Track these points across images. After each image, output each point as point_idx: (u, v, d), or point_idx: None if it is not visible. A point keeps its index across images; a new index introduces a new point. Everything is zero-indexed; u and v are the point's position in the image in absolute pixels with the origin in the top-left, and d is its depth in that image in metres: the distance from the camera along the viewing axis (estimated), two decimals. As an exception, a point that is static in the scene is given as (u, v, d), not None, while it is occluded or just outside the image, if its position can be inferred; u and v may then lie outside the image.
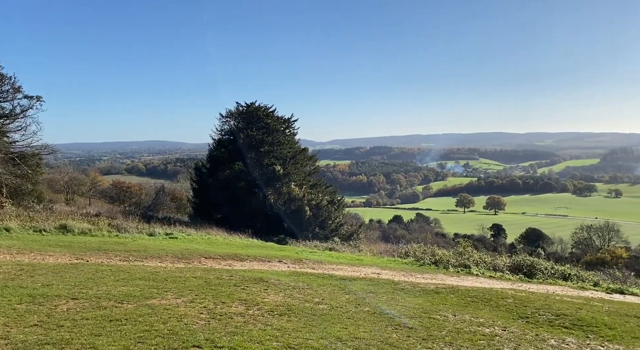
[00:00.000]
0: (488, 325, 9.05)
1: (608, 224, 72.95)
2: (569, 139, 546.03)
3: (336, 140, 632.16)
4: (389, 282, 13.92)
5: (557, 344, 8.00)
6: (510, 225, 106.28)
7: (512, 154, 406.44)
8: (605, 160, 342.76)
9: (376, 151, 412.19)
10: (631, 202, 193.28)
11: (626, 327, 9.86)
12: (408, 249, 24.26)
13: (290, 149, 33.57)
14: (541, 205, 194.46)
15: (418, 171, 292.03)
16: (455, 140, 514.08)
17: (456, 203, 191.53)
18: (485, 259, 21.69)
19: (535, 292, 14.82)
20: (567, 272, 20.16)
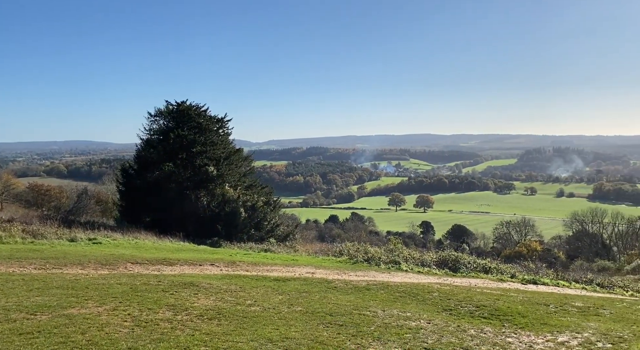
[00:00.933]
0: (414, 318, 9.45)
1: (525, 220, 78.97)
2: (490, 141, 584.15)
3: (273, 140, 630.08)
4: (323, 281, 14.10)
5: (476, 334, 8.53)
6: (438, 222, 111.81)
7: (440, 155, 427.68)
8: (522, 160, 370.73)
9: (313, 152, 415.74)
10: (544, 199, 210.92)
11: (536, 315, 10.73)
12: (342, 247, 24.67)
13: (224, 149, 32.92)
14: (466, 203, 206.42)
15: (353, 171, 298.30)
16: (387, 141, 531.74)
17: (389, 202, 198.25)
18: (414, 255, 22.60)
19: (458, 285, 15.69)
20: (487, 266, 21.50)
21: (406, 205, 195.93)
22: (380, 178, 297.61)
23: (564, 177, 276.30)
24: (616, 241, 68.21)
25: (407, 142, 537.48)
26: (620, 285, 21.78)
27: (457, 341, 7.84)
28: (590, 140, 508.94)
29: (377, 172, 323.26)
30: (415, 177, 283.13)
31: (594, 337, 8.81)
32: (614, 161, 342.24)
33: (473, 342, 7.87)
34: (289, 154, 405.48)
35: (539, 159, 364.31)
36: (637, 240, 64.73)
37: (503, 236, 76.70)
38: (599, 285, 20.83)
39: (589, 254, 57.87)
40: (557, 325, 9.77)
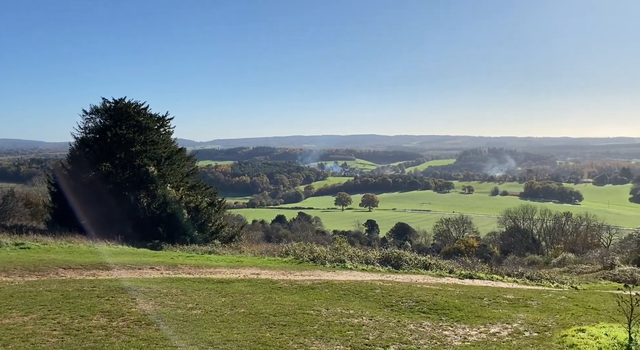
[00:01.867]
0: (357, 316, 9.64)
1: (463, 217, 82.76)
2: (431, 141, 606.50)
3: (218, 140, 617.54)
4: (268, 282, 14.04)
5: (415, 328, 8.84)
6: (383, 220, 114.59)
7: (384, 155, 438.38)
8: (460, 160, 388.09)
9: (259, 151, 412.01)
10: (480, 197, 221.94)
11: (471, 308, 11.29)
12: (288, 247, 24.64)
13: (166, 148, 31.84)
14: (409, 202, 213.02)
15: (300, 171, 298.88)
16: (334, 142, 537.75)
17: (335, 201, 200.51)
18: (358, 254, 22.99)
19: (400, 282, 16.17)
20: (428, 262, 22.30)
21: (352, 205, 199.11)
22: (327, 178, 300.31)
23: (498, 176, 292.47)
24: (544, 236, 73.14)
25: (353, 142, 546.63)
26: (547, 277, 23.41)
27: (397, 336, 8.08)
28: (521, 142, 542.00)
29: (324, 172, 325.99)
30: (361, 177, 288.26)
31: (522, 327, 9.41)
32: (542, 161, 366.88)
33: (412, 336, 8.15)
34: (235, 153, 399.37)
35: (475, 159, 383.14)
36: (563, 235, 69.76)
37: (443, 233, 79.93)
38: (528, 278, 22.26)
39: (520, 248, 61.56)
40: (490, 317, 10.33)
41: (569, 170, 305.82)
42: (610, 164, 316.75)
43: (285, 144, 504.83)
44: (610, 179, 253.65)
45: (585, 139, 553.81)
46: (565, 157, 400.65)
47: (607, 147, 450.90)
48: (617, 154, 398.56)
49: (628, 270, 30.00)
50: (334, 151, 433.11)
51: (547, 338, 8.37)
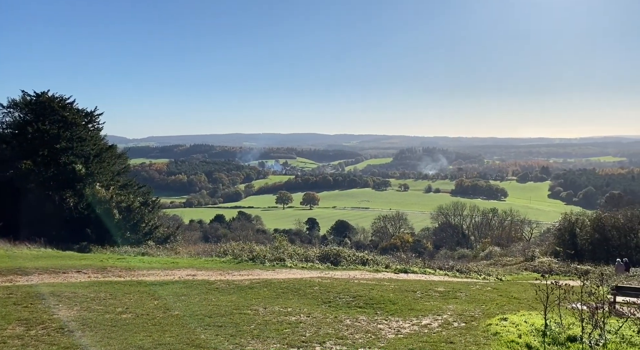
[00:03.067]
0: (295, 313, 9.66)
1: (399, 214, 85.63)
2: (369, 141, 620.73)
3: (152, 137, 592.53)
4: (204, 283, 13.71)
5: (352, 323, 9.02)
6: (323, 218, 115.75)
7: (324, 153, 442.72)
8: (397, 159, 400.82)
9: (197, 149, 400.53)
10: (415, 195, 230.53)
11: (405, 301, 11.71)
12: (226, 247, 24.20)
13: (95, 145, 30.10)
14: (348, 199, 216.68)
15: (240, 170, 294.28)
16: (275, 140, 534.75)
17: (276, 200, 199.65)
18: (298, 252, 23.06)
19: (338, 278, 16.42)
20: (365, 258, 22.84)
21: (293, 203, 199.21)
22: (268, 176, 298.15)
23: (432, 174, 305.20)
24: (473, 231, 77.52)
25: (294, 141, 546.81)
26: (475, 270, 24.82)
27: (333, 332, 8.20)
28: (452, 141, 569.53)
29: (265, 170, 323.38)
30: (302, 175, 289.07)
31: (452, 318, 9.90)
32: (471, 160, 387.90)
33: (348, 331, 8.31)
34: (170, 151, 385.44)
35: (411, 158, 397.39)
36: (490, 230, 74.29)
37: (380, 230, 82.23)
38: (458, 271, 23.46)
39: (451, 243, 64.78)
40: (422, 310, 10.77)
41: (496, 169, 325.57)
42: (531, 162, 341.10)
43: (225, 142, 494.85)
44: (531, 176, 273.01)
45: (510, 139, 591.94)
46: (492, 156, 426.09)
47: (529, 147, 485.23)
48: (538, 153, 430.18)
49: (546, 261, 32.54)
50: (274, 150, 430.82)
51: (474, 327, 8.86)
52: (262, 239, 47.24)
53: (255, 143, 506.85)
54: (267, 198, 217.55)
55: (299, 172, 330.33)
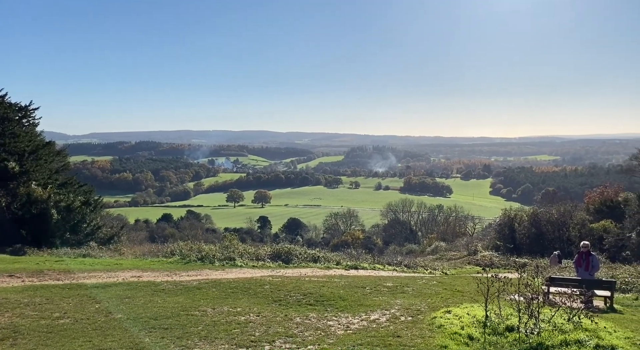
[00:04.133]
0: (244, 313, 9.55)
1: (350, 211, 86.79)
2: (321, 139, 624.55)
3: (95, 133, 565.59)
4: (150, 284, 13.25)
5: (302, 321, 9.03)
6: (275, 216, 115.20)
7: (276, 151, 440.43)
8: (348, 157, 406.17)
9: (143, 146, 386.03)
10: (366, 192, 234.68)
11: (354, 297, 11.88)
12: (174, 247, 23.51)
13: (30, 142, 28.26)
14: (300, 197, 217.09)
15: (189, 167, 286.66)
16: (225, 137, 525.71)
17: (227, 198, 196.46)
18: (249, 250, 22.79)
19: (290, 276, 16.41)
20: (317, 255, 22.95)
21: (245, 201, 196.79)
22: (219, 174, 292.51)
23: (382, 172, 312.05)
24: (420, 227, 80.00)
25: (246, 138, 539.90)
26: (422, 265, 25.62)
27: (283, 330, 8.18)
28: (401, 140, 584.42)
29: (215, 168, 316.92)
30: (253, 173, 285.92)
31: (399, 312, 10.15)
32: (419, 158, 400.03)
33: (298, 329, 8.32)
34: (114, 148, 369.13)
35: (361, 156, 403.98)
36: (436, 226, 76.95)
37: (332, 227, 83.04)
38: (406, 266, 24.12)
39: (400, 239, 66.50)
40: (371, 305, 10.98)
41: (441, 167, 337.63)
42: (474, 161, 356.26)
43: (172, 138, 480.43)
44: (474, 174, 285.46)
45: (455, 139, 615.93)
46: (438, 154, 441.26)
47: (472, 146, 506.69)
48: (480, 152, 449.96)
49: (488, 255, 34.15)
50: (225, 147, 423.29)
51: (420, 321, 9.14)
52: (212, 239, 46.31)
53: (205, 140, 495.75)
54: (218, 196, 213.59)
55: (250, 170, 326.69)
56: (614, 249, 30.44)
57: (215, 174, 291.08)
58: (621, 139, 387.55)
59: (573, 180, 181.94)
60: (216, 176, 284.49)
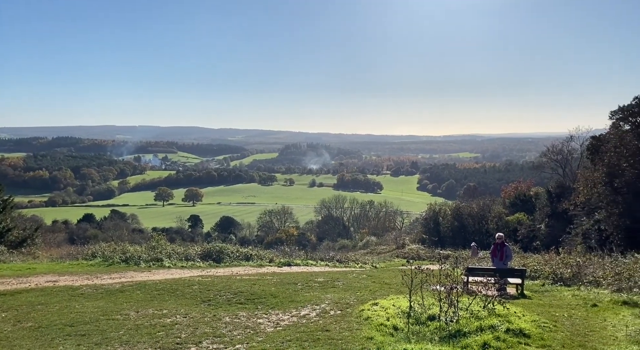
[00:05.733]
0: (171, 315, 9.22)
1: (284, 208, 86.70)
2: (255, 135, 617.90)
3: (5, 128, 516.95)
4: (67, 289, 12.38)
5: (231, 320, 8.89)
6: (208, 215, 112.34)
7: (208, 148, 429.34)
8: (282, 154, 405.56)
9: (61, 142, 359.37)
10: (300, 189, 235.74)
11: (286, 294, 11.91)
12: (95, 249, 22.18)
13: None
14: (234, 195, 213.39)
15: (113, 165, 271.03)
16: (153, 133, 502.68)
17: (155, 197, 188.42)
18: (178, 250, 22.04)
19: (220, 275, 16.09)
20: (249, 253, 22.72)
21: (175, 200, 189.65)
22: (146, 172, 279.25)
23: (316, 169, 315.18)
24: (353, 222, 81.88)
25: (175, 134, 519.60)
26: (353, 259, 26.26)
27: (211, 330, 8.00)
28: (334, 138, 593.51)
29: (142, 165, 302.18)
30: (184, 171, 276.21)
31: (329, 306, 10.32)
32: (351, 155, 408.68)
33: (227, 328, 8.18)
34: (28, 144, 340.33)
35: (296, 153, 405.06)
36: (367, 221, 79.15)
37: (266, 224, 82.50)
38: (338, 261, 24.59)
39: (333, 234, 67.65)
40: (302, 301, 11.06)
41: (373, 164, 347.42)
42: (403, 158, 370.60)
43: (95, 134, 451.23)
44: (403, 170, 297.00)
45: (385, 136, 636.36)
46: (369, 152, 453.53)
47: (401, 143, 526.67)
48: (408, 149, 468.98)
49: (415, 248, 35.75)
50: (153, 143, 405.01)
51: (348, 314, 9.35)
52: (139, 239, 44.08)
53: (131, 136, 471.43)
54: (145, 195, 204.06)
55: (180, 167, 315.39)
56: (527, 240, 33.14)
57: (142, 172, 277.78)
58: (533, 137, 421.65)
59: (492, 176, 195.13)
60: (143, 174, 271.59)
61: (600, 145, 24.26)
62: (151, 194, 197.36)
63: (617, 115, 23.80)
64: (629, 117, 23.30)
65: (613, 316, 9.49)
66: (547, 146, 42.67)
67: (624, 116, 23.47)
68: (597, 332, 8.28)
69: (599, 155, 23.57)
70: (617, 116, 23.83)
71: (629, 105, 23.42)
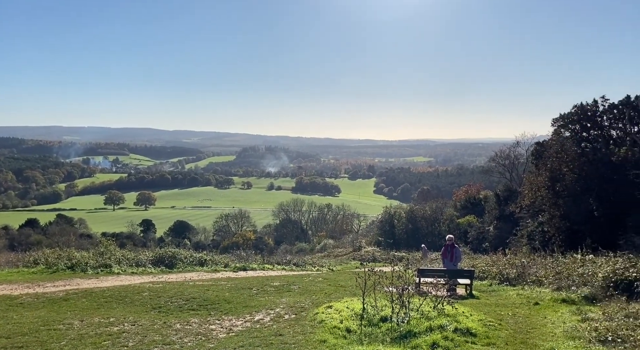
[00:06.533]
0: (118, 323, 8.88)
1: (241, 212, 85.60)
2: (211, 138, 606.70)
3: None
4: (4, 298, 11.66)
5: (182, 327, 8.67)
6: (160, 219, 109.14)
7: (162, 150, 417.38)
8: (240, 157, 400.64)
9: (2, 143, 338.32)
10: (258, 192, 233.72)
11: (240, 299, 11.75)
12: (38, 255, 21.03)
13: None
14: (189, 199, 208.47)
15: (60, 167, 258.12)
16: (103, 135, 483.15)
17: (105, 201, 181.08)
18: (128, 256, 21.30)
19: (172, 281, 15.67)
20: (204, 258, 22.28)
21: (126, 204, 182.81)
22: (95, 175, 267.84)
23: (274, 172, 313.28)
24: (311, 226, 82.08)
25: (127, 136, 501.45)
26: (310, 262, 26.32)
27: (160, 338, 7.77)
28: (293, 141, 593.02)
29: (91, 168, 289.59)
30: (136, 174, 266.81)
31: (284, 310, 10.28)
32: (310, 159, 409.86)
33: (177, 336, 7.97)
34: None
35: (254, 156, 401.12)
36: (325, 224, 79.59)
37: (222, 228, 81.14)
38: (295, 264, 24.56)
39: (291, 238, 67.46)
40: (256, 306, 10.96)
41: (331, 167, 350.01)
42: (360, 161, 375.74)
43: (39, 135, 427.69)
44: (360, 174, 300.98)
45: (343, 140, 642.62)
46: (328, 155, 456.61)
47: (358, 147, 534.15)
48: (366, 153, 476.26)
49: (371, 250, 36.27)
50: (103, 145, 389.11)
51: (303, 318, 9.36)
52: (87, 245, 42.17)
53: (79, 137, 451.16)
54: (94, 199, 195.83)
55: (132, 170, 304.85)
56: (476, 241, 34.42)
57: (91, 175, 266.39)
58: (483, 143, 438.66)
59: (444, 179, 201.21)
60: (92, 177, 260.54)
61: (544, 151, 25.61)
62: (101, 197, 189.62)
63: (559, 123, 25.20)
64: (569, 124, 24.72)
65: (553, 314, 10.02)
66: (496, 151, 44.61)
67: (565, 123, 24.88)
68: (538, 329, 8.71)
69: (543, 161, 24.87)
70: (558, 123, 25.24)
71: (569, 113, 24.87)
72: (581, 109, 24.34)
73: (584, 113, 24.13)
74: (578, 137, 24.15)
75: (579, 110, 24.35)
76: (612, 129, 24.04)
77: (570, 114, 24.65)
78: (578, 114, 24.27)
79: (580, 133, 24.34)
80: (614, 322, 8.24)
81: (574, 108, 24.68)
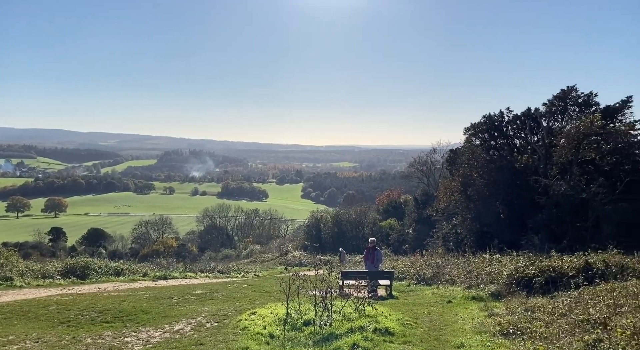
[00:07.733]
0: (19, 340, 8.14)
1: (163, 218, 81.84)
2: (130, 141, 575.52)
3: None
4: None
5: (93, 341, 8.15)
6: (72, 227, 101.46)
7: (75, 153, 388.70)
8: (162, 161, 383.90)
9: None
10: (181, 198, 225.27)
11: (159, 309, 11.26)
12: None
13: None
14: (105, 205, 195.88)
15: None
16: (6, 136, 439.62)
17: (7, 207, 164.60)
18: (33, 267, 19.55)
19: (84, 293, 14.64)
20: (120, 268, 21.04)
21: (32, 211, 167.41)
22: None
23: (199, 177, 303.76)
24: (237, 231, 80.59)
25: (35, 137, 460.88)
26: (236, 269, 25.84)
27: (68, 355, 7.24)
28: (219, 145, 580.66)
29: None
30: (44, 178, 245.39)
31: (205, 319, 10.02)
32: (237, 163, 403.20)
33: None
34: None
35: (177, 160, 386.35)
36: (252, 230, 78.61)
37: (142, 236, 76.98)
38: (219, 272, 23.99)
39: (216, 244, 65.78)
40: (177, 315, 10.57)
41: (258, 172, 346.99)
42: (288, 166, 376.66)
43: None
44: (288, 179, 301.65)
45: (271, 145, 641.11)
46: (255, 160, 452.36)
47: (286, 152, 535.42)
48: (293, 158, 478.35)
49: (297, 255, 36.42)
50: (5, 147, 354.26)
51: (225, 325, 9.19)
52: (-17, 257, 37.98)
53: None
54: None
55: (40, 174, 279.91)
56: (397, 243, 35.93)
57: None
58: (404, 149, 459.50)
59: (368, 184, 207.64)
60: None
61: (457, 158, 27.44)
62: (2, 204, 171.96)
63: (470, 131, 27.17)
64: (479, 133, 26.74)
65: (463, 311, 10.75)
66: (414, 158, 46.98)
67: (475, 132, 26.88)
68: (450, 325, 9.31)
69: (456, 167, 26.64)
70: (469, 132, 27.19)
71: (478, 122, 26.91)
72: (489, 119, 26.43)
73: (492, 123, 26.24)
74: (487, 145, 26.18)
75: (487, 120, 26.42)
76: (515, 138, 26.34)
77: (480, 124, 26.67)
78: (487, 123, 26.33)
79: (489, 141, 26.41)
80: (515, 316, 9.03)
81: (483, 118, 26.73)
